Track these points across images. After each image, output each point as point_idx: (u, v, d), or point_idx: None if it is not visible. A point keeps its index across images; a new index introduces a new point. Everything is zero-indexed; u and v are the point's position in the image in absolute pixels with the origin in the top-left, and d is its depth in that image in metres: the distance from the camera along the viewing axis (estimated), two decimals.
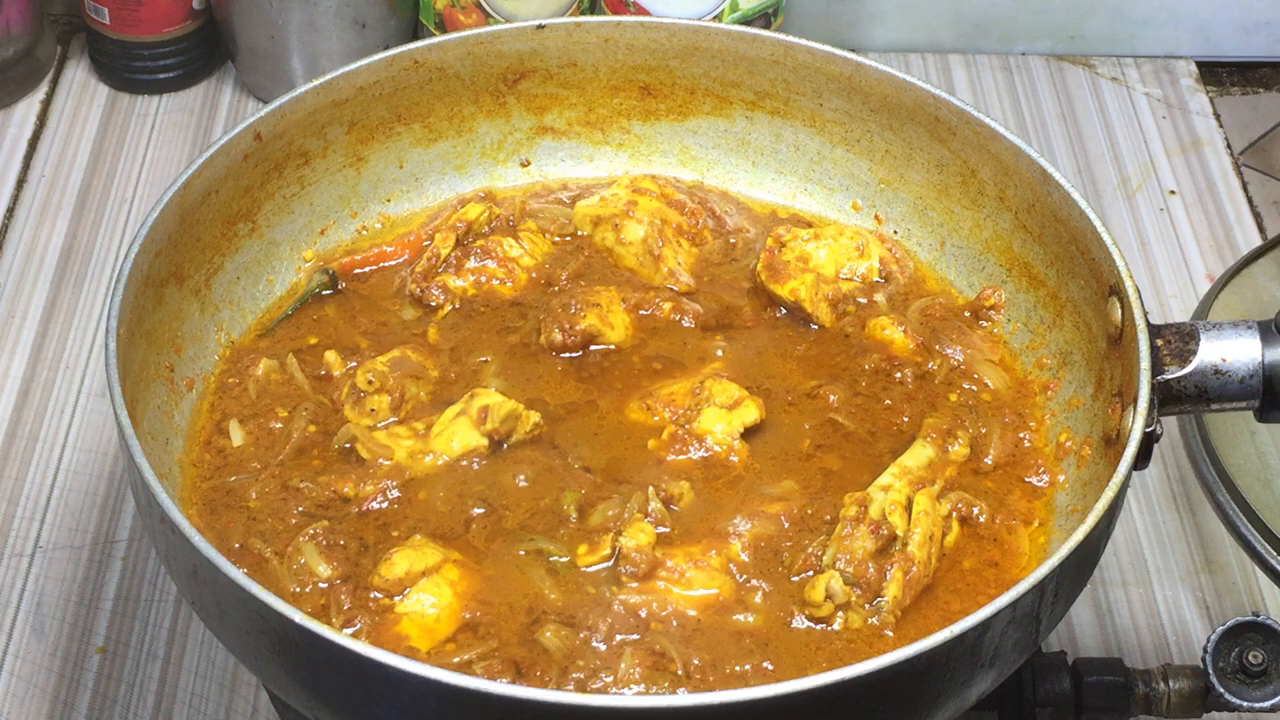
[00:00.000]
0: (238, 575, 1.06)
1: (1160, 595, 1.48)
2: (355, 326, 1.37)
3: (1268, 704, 1.20)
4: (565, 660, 1.13)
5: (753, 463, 1.26)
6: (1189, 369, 1.21)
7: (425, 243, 1.41)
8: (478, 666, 1.13)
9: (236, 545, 1.20)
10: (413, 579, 1.16)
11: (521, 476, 1.24)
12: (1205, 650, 1.21)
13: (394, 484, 1.23)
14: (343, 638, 1.03)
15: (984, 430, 1.30)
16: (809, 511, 1.22)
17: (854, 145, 1.46)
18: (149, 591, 1.45)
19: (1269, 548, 1.39)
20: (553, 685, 1.12)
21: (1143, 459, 1.17)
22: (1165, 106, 1.95)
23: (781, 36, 1.44)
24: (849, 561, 1.17)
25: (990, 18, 1.99)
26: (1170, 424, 1.55)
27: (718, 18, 1.81)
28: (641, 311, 1.37)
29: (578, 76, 1.48)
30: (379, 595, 1.16)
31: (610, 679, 1.12)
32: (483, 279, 1.39)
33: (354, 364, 1.32)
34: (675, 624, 1.16)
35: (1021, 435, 1.30)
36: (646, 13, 1.82)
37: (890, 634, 1.16)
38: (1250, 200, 1.85)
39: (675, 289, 1.40)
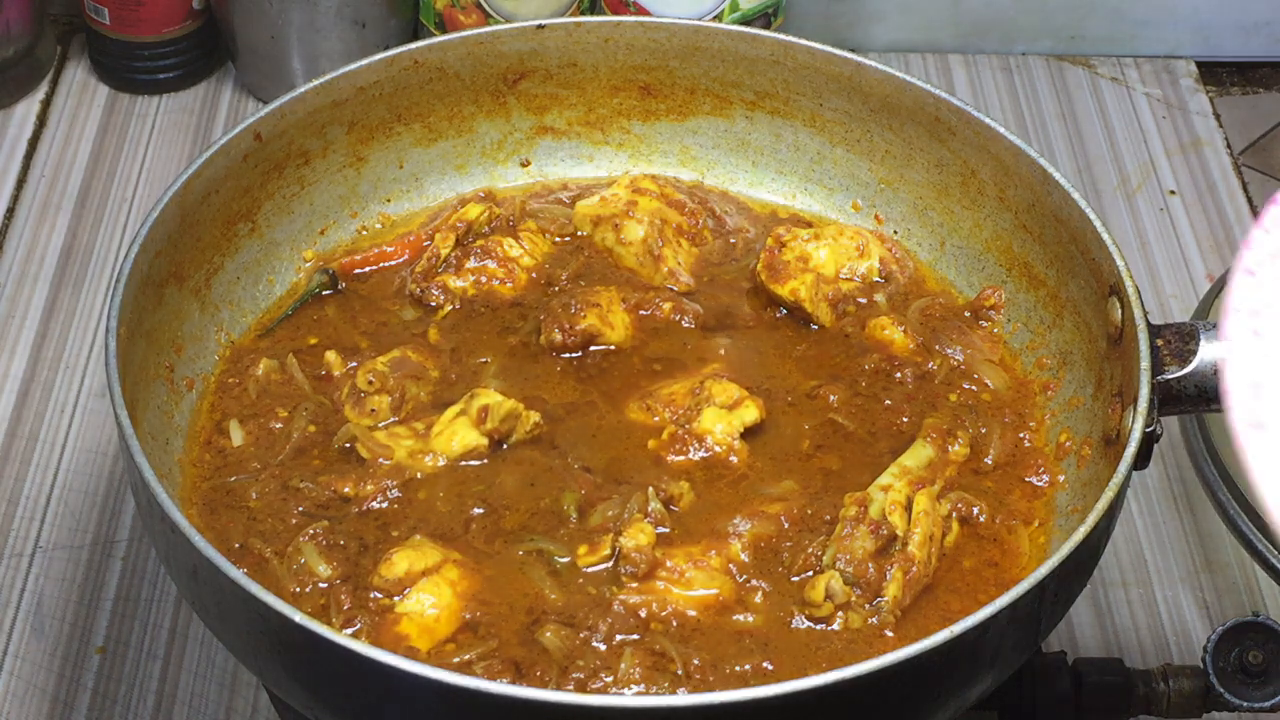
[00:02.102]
0: (238, 575, 1.06)
1: (1160, 595, 1.48)
2: (355, 326, 1.37)
3: (1268, 704, 1.20)
4: (565, 660, 1.13)
5: (753, 463, 1.26)
6: (1189, 369, 1.21)
7: (425, 243, 1.41)
8: (478, 666, 1.12)
9: (236, 545, 1.20)
10: (413, 579, 1.16)
11: (521, 476, 1.24)
12: (1205, 650, 1.21)
13: (394, 484, 1.23)
14: (343, 638, 1.03)
15: (984, 430, 1.30)
16: (809, 511, 1.22)
17: (854, 145, 1.46)
18: (149, 591, 1.45)
19: (1270, 546, 1.39)
20: (553, 685, 1.12)
21: (1143, 459, 1.17)
22: (1165, 106, 1.95)
23: (781, 36, 1.44)
24: (849, 561, 1.17)
25: (990, 18, 1.99)
26: (1170, 424, 1.54)
27: (718, 18, 1.81)
28: (641, 311, 1.37)
29: (578, 76, 1.48)
30: (379, 595, 1.16)
31: (610, 679, 1.12)
32: (483, 279, 1.39)
33: (354, 364, 1.32)
34: (675, 624, 1.16)
35: (1021, 435, 1.30)
36: (646, 13, 1.82)
37: (890, 634, 1.16)
38: (1250, 200, 1.84)
39: (675, 289, 1.40)
